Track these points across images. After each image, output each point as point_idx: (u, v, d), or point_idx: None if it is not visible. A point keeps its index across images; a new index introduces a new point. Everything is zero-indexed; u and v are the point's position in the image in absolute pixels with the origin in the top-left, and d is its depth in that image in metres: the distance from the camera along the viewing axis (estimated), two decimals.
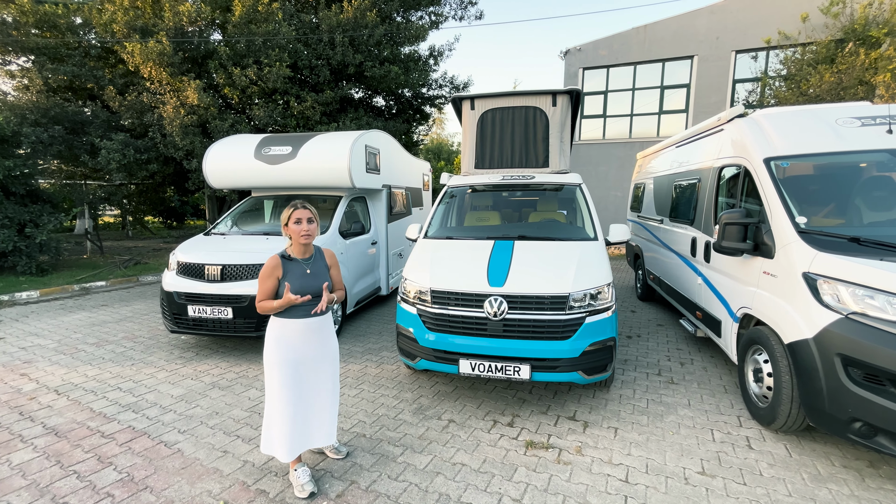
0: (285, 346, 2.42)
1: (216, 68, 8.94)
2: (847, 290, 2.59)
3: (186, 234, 17.35)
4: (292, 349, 2.42)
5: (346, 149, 5.44)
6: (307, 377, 2.48)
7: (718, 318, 4.00)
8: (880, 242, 2.77)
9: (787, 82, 11.05)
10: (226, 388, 3.96)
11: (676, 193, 5.51)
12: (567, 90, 4.89)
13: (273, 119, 9.08)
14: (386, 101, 12.83)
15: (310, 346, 2.46)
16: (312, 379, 2.49)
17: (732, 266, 3.72)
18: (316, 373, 2.51)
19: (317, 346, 2.49)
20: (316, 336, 2.49)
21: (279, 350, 2.42)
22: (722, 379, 4.09)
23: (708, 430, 3.20)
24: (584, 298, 3.27)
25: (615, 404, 3.62)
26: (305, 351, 2.45)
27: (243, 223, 5.93)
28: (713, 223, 4.23)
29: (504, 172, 5.02)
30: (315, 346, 2.48)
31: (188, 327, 4.68)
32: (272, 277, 2.38)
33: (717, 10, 13.01)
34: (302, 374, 2.46)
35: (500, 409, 3.54)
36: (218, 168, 5.88)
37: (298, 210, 2.39)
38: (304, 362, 2.46)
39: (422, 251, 4.02)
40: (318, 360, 2.52)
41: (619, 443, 3.03)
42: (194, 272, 4.66)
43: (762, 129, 3.76)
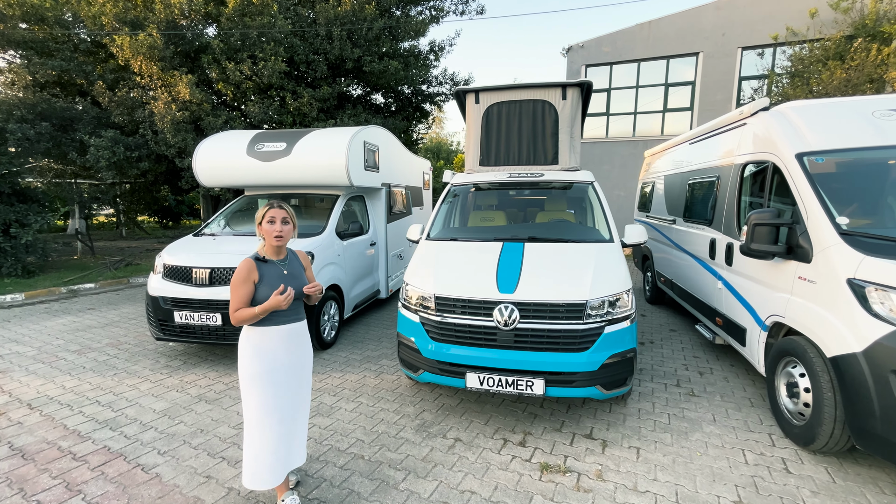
0: (265, 357, 2.20)
1: (209, 63, 8.63)
2: None
3: (181, 233, 17.04)
4: (273, 359, 2.21)
5: (344, 145, 5.16)
6: (289, 388, 2.28)
7: (743, 326, 3.73)
8: None
9: (795, 79, 10.79)
10: (213, 401, 3.68)
11: (691, 192, 5.24)
12: (578, 83, 4.62)
13: (268, 116, 8.78)
14: (385, 98, 12.53)
15: (291, 354, 2.29)
16: (293, 389, 2.31)
17: (760, 270, 3.45)
18: (297, 383, 2.33)
19: (297, 354, 2.32)
20: (297, 343, 2.32)
21: (259, 361, 2.19)
22: (746, 391, 3.82)
23: (739, 450, 2.92)
24: (602, 306, 2.99)
25: (634, 420, 3.34)
26: (287, 360, 2.27)
27: (235, 223, 5.64)
28: (736, 224, 3.96)
29: (511, 170, 4.74)
30: (296, 354, 2.31)
31: (175, 334, 4.39)
32: (248, 283, 2.17)
33: (723, 6, 12.75)
34: (284, 386, 2.26)
35: (509, 426, 3.26)
36: (208, 165, 5.59)
37: (273, 209, 2.24)
38: (285, 373, 2.26)
39: (424, 254, 3.74)
40: (298, 369, 2.33)
41: (643, 465, 2.76)
42: (181, 275, 4.37)
43: (791, 123, 3.49)
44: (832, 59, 9.86)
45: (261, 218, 2.25)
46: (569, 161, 4.68)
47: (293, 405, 2.31)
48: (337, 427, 3.24)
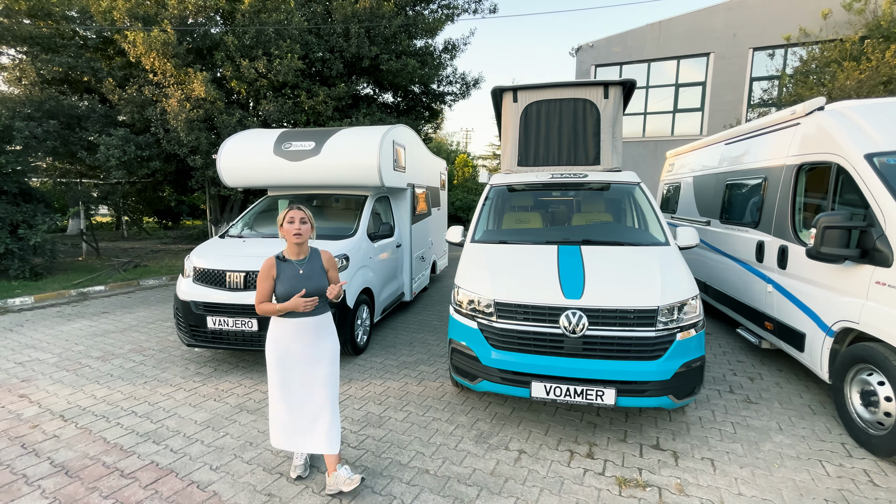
0: (279, 345, 2.45)
1: (223, 60, 8.43)
2: None
3: (184, 234, 16.78)
4: (285, 348, 2.45)
5: (376, 145, 5.01)
6: (298, 377, 2.47)
7: (801, 331, 3.64)
8: None
9: (810, 80, 10.77)
10: (255, 411, 3.52)
11: (730, 193, 5.15)
12: (620, 81, 4.51)
13: (283, 114, 8.59)
14: (394, 97, 12.38)
15: (303, 345, 2.45)
16: (304, 379, 2.47)
17: (825, 274, 3.35)
18: (311, 373, 2.48)
19: (310, 346, 2.46)
20: (310, 336, 2.46)
21: (276, 349, 2.46)
22: (803, 397, 3.73)
23: (816, 461, 2.82)
24: (672, 312, 2.88)
25: (698, 429, 3.23)
26: (298, 350, 2.45)
27: (262, 225, 5.48)
28: (791, 226, 3.86)
29: (551, 170, 4.62)
30: (308, 346, 2.46)
31: (207, 340, 4.23)
32: (268, 279, 2.40)
33: (734, 7, 12.73)
34: (292, 373, 2.46)
35: (571, 437, 3.14)
36: (233, 165, 5.42)
37: (292, 210, 2.42)
38: (296, 361, 2.45)
39: (475, 257, 3.61)
40: (311, 361, 2.47)
41: (722, 478, 2.65)
42: (214, 279, 4.21)
43: (853, 123, 3.40)
44: (849, 59, 9.84)
45: (282, 219, 2.43)
46: (611, 161, 4.57)
47: (305, 394, 2.47)
48: (392, 439, 3.10)
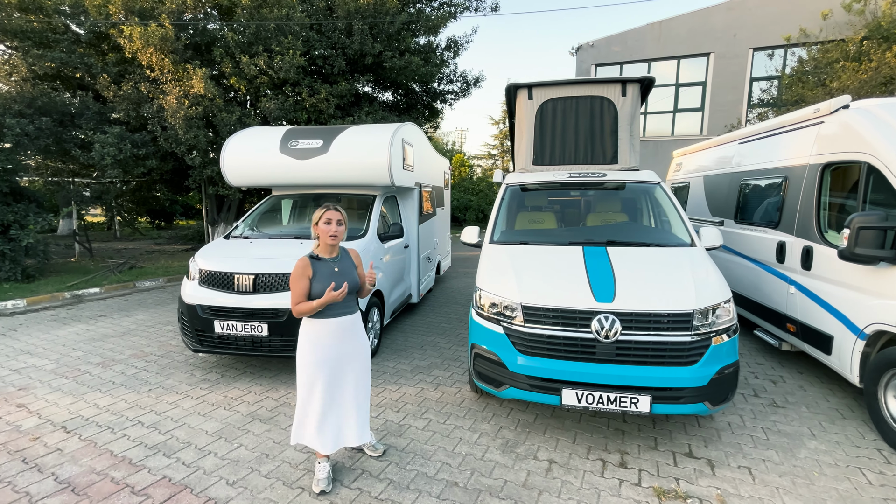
0: (319, 347, 2.46)
1: (222, 56, 8.22)
2: None
3: (179, 234, 16.47)
4: (326, 348, 2.46)
5: (386, 143, 4.88)
6: (339, 376, 2.52)
7: (829, 334, 3.56)
8: None
9: (810, 80, 10.79)
10: (268, 420, 3.37)
11: (746, 193, 5.09)
12: (638, 79, 4.43)
13: (284, 112, 8.41)
14: (394, 95, 12.23)
15: (343, 345, 2.51)
16: (344, 377, 2.54)
17: (856, 276, 3.28)
18: (347, 371, 2.55)
19: (349, 345, 2.54)
20: (348, 335, 2.53)
21: (313, 351, 2.46)
22: (829, 401, 3.66)
23: (855, 469, 2.74)
24: (707, 316, 2.78)
25: (728, 435, 3.14)
26: (339, 350, 2.50)
27: (268, 226, 5.32)
28: (816, 226, 3.79)
29: (569, 169, 4.52)
30: (347, 345, 2.53)
31: (214, 346, 4.06)
32: (304, 278, 2.41)
33: (734, 7, 12.76)
34: (335, 373, 2.51)
35: (601, 445, 3.03)
36: (238, 163, 5.25)
37: (330, 211, 2.47)
38: (337, 361, 2.50)
39: (496, 259, 3.49)
40: (350, 359, 2.55)
41: (763, 488, 2.56)
42: (221, 282, 4.05)
43: (884, 121, 3.33)
44: (851, 60, 9.87)
45: (317, 219, 2.47)
46: (629, 160, 4.48)
47: (344, 389, 2.53)
48: (416, 449, 2.98)
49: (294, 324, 3.83)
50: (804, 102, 10.52)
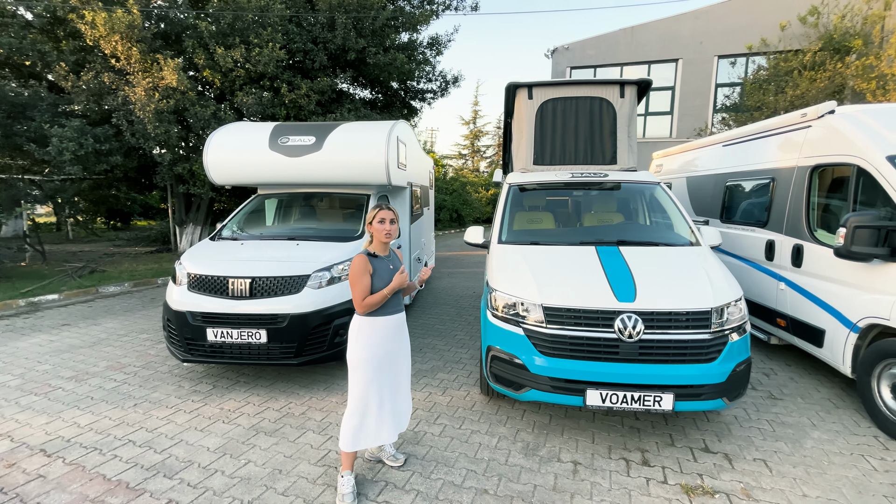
0: (379, 345, 2.49)
1: (194, 47, 7.75)
2: None
3: (140, 235, 15.50)
4: (381, 345, 2.50)
5: (383, 141, 4.74)
6: (397, 371, 2.60)
7: (821, 328, 3.74)
8: None
9: (770, 87, 11.42)
10: (273, 432, 3.18)
11: (732, 194, 5.29)
12: (637, 81, 4.51)
13: (262, 107, 8.04)
14: (372, 93, 12.00)
15: (395, 342, 2.57)
16: (399, 371, 2.62)
17: (849, 272, 3.45)
18: (402, 366, 2.64)
19: (402, 341, 2.63)
20: (401, 331, 2.62)
21: (367, 348, 2.47)
22: (820, 391, 3.85)
23: (858, 456, 2.88)
24: (723, 314, 2.85)
25: (737, 428, 3.24)
26: (396, 346, 2.57)
27: (257, 227, 5.06)
28: (806, 226, 3.98)
29: (570, 169, 4.54)
30: (402, 341, 2.63)
31: (206, 355, 3.80)
32: (366, 274, 2.44)
33: (700, 16, 13.34)
34: (393, 369, 2.57)
35: (619, 443, 3.04)
36: (223, 160, 4.96)
37: (384, 210, 2.54)
38: (395, 356, 2.57)
39: (509, 259, 3.45)
40: (400, 355, 2.62)
41: (782, 480, 2.64)
42: (214, 287, 3.79)
43: (869, 126, 3.54)
44: (808, 69, 10.53)
45: (372, 218, 2.53)
46: (627, 161, 4.55)
47: (392, 387, 2.57)
48: (436, 456, 2.88)
49: (294, 330, 3.66)
50: (766, 108, 11.15)
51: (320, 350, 3.79)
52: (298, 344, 3.69)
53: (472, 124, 49.32)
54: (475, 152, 48.03)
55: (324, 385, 4.00)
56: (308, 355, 3.74)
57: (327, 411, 3.50)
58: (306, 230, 4.87)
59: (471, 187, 28.89)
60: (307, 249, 4.16)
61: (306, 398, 3.73)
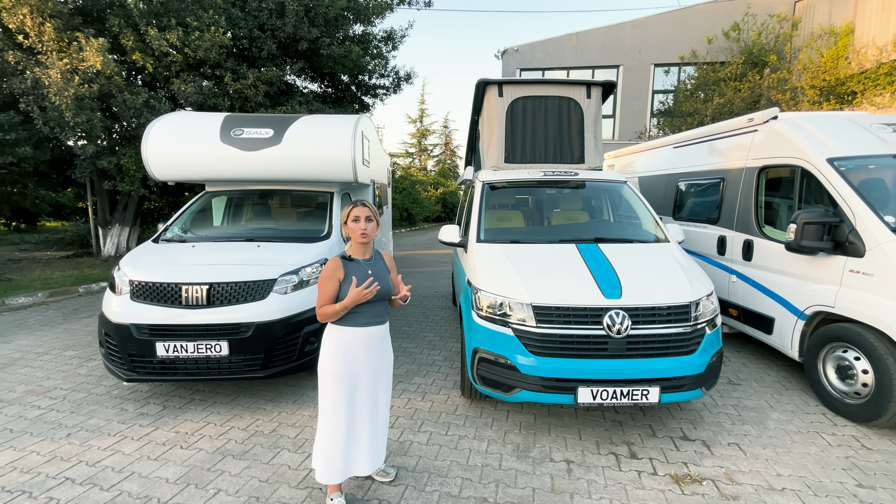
0: (349, 358, 2.23)
1: (120, 26, 6.90)
2: None
3: (51, 238, 13.70)
4: (352, 360, 2.24)
5: (349, 136, 4.48)
6: (366, 391, 2.30)
7: (770, 316, 4.06)
8: None
9: (699, 96, 12.41)
10: (243, 455, 2.87)
11: (684, 193, 5.62)
12: (602, 82, 4.63)
13: (203, 97, 7.34)
14: (322, 86, 11.48)
15: (374, 357, 2.30)
16: (370, 393, 2.32)
17: (796, 265, 3.76)
18: (378, 385, 2.35)
19: (379, 357, 2.34)
20: (378, 346, 2.33)
21: (342, 361, 2.22)
22: (770, 375, 4.17)
23: (815, 433, 3.14)
24: (700, 307, 2.97)
25: (708, 414, 3.42)
26: (369, 363, 2.29)
27: (207, 227, 4.61)
28: (755, 222, 4.30)
29: (540, 167, 4.57)
30: (378, 357, 2.33)
31: (155, 372, 3.36)
32: (333, 280, 2.19)
33: (639, 26, 14.19)
34: (366, 387, 2.29)
35: (605, 438, 3.09)
36: (167, 154, 4.44)
37: (357, 207, 2.26)
38: (369, 374, 2.29)
39: (491, 258, 3.38)
40: (381, 372, 2.36)
41: (756, 461, 2.80)
42: (164, 295, 3.37)
43: (809, 132, 3.88)
44: (733, 80, 11.55)
45: (345, 217, 2.26)
46: (594, 160, 4.67)
47: (368, 409, 2.30)
48: (427, 467, 2.75)
49: (260, 340, 3.35)
50: (697, 114, 12.10)
51: (290, 360, 3.50)
52: (265, 355, 3.38)
53: (418, 122, 49.13)
54: (422, 151, 47.97)
55: (292, 397, 3.70)
56: (276, 367, 3.44)
57: (301, 426, 3.24)
58: (265, 231, 4.50)
59: (420, 186, 28.77)
60: (270, 252, 3.83)
61: (274, 413, 3.43)
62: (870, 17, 10.00)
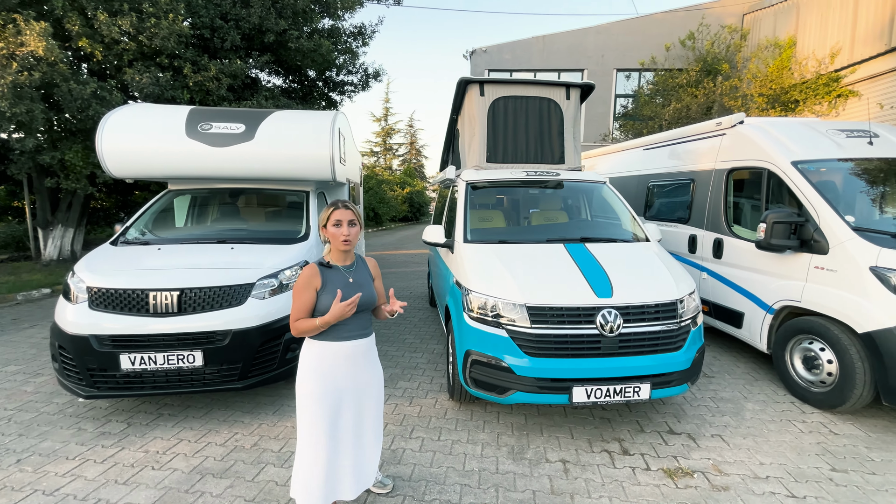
0: (330, 375, 2.01)
1: (65, 9, 6.29)
2: None
3: None
4: (336, 378, 2.02)
5: (327, 133, 4.31)
6: (349, 412, 2.07)
7: (740, 311, 4.27)
8: None
9: (661, 99, 12.99)
10: (223, 473, 2.68)
11: (655, 193, 5.82)
12: (580, 84, 4.70)
13: (160, 89, 6.85)
14: (287, 81, 11.07)
15: (359, 373, 2.09)
16: (355, 413, 2.10)
17: (765, 262, 3.97)
18: (365, 403, 2.13)
19: (366, 373, 2.12)
20: (364, 360, 2.11)
21: (318, 379, 1.99)
22: (740, 366, 4.39)
23: (787, 421, 3.31)
24: (685, 303, 3.07)
25: (689, 408, 3.54)
26: (354, 379, 2.07)
27: (172, 228, 4.30)
28: (725, 221, 4.50)
29: (523, 167, 4.58)
30: (364, 373, 2.11)
31: (118, 387, 3.09)
32: (308, 289, 1.97)
33: (602, 31, 14.64)
34: (351, 407, 2.07)
35: (596, 436, 3.12)
36: (125, 148, 4.09)
37: (339, 210, 2.03)
38: (353, 392, 2.07)
39: (481, 259, 3.34)
40: (368, 389, 2.13)
41: (739, 451, 2.92)
42: (128, 302, 3.09)
43: (773, 136, 4.11)
44: (690, 86, 12.15)
45: (325, 220, 2.04)
46: (574, 161, 4.73)
47: (352, 430, 2.08)
48: (424, 475, 2.67)
49: (238, 348, 3.15)
50: (657, 118, 12.66)
51: (270, 369, 3.31)
52: (244, 364, 3.18)
53: (383, 121, 48.55)
54: (387, 150, 47.48)
55: (271, 408, 3.51)
56: (256, 376, 3.24)
57: (284, 438, 3.07)
58: (237, 232, 4.24)
59: (386, 185, 28.45)
60: (246, 254, 3.61)
61: (254, 426, 3.23)
62: (810, 31, 10.81)
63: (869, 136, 4.06)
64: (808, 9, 10.84)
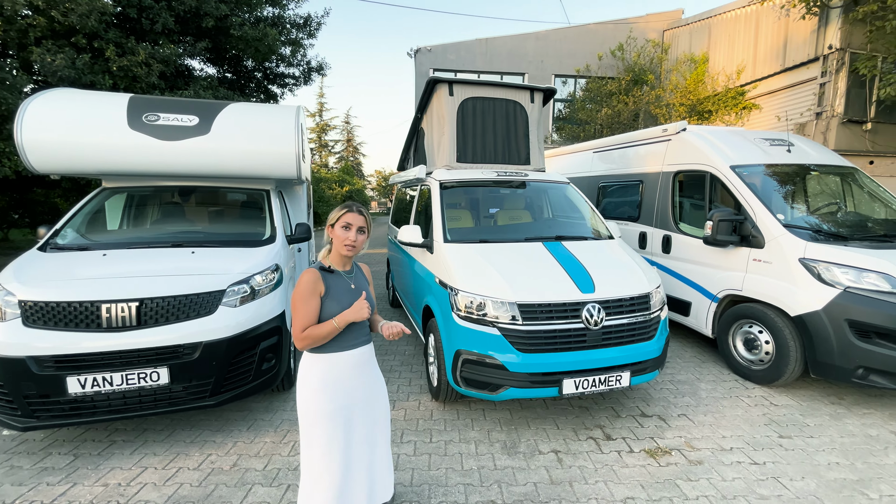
0: (338, 390, 1.91)
1: None
2: (840, 270, 3.40)
3: None
4: (345, 392, 1.93)
5: (291, 127, 4.08)
6: (362, 426, 2.00)
7: (687, 301, 4.71)
8: (835, 234, 3.75)
9: (594, 105, 13.89)
10: (205, 499, 2.45)
11: (606, 194, 6.22)
12: (543, 88, 4.88)
13: (76, 73, 6.00)
14: (222, 71, 10.27)
15: (367, 381, 2.01)
16: (368, 425, 2.02)
17: (709, 256, 4.41)
18: (376, 412, 2.06)
19: (372, 380, 2.05)
20: (368, 368, 2.04)
21: (329, 396, 1.89)
22: (687, 351, 4.84)
23: (736, 398, 3.72)
24: (654, 296, 3.32)
25: (653, 391, 3.84)
26: (363, 389, 1.99)
27: (110, 232, 3.81)
28: (672, 220, 4.93)
29: (492, 168, 4.66)
30: (370, 381, 2.04)
31: (64, 415, 2.69)
32: (314, 296, 1.87)
33: (541, 38, 15.29)
34: (363, 418, 1.99)
35: (579, 424, 3.29)
36: (51, 140, 3.54)
37: (353, 213, 1.92)
38: (364, 402, 2.00)
39: (465, 258, 3.36)
40: (372, 397, 2.05)
41: (704, 428, 3.23)
42: (75, 317, 2.70)
43: (712, 143, 4.59)
44: (620, 94, 13.12)
45: (335, 220, 1.93)
46: (538, 162, 4.91)
47: (366, 444, 2.01)
48: (425, 479, 2.64)
49: (209, 362, 2.89)
50: (592, 123, 13.54)
51: (245, 381, 3.07)
52: (216, 379, 2.91)
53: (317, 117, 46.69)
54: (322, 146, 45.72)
55: (244, 423, 3.26)
56: (230, 391, 2.99)
57: (267, 455, 2.87)
58: (192, 235, 3.86)
59: (324, 184, 27.45)
60: (210, 259, 3.30)
61: (229, 445, 2.98)
62: (720, 49, 12.14)
63: (787, 145, 4.67)
64: (718, 29, 12.16)
